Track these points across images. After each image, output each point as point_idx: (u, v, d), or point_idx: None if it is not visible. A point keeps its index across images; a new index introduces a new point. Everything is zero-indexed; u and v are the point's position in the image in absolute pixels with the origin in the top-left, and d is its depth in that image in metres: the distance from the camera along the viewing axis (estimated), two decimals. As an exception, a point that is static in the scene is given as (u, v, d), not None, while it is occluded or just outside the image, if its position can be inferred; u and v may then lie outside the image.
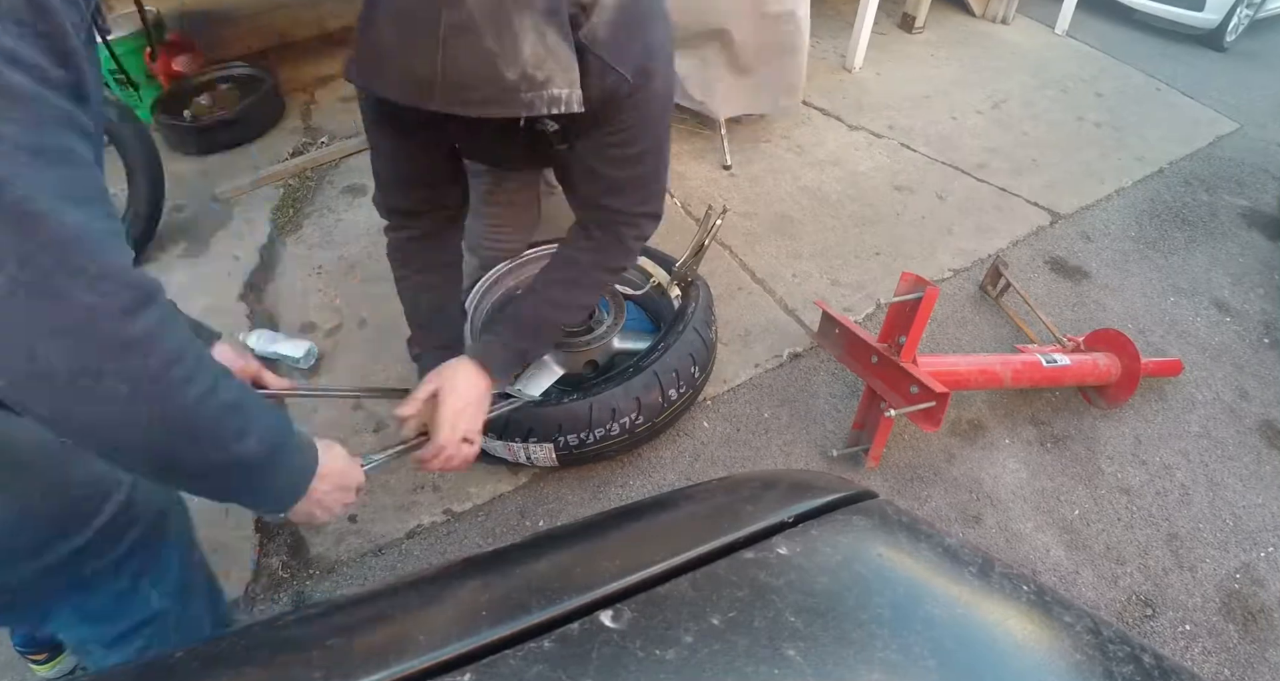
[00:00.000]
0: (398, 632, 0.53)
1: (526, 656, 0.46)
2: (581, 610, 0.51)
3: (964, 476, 1.68)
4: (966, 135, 2.86)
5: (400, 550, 1.46)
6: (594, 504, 1.56)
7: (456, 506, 1.54)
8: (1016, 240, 2.38)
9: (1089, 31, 3.79)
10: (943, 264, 2.25)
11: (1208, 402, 1.91)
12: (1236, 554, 1.59)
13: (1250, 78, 3.63)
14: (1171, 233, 2.49)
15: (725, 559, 0.56)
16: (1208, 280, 2.30)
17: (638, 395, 1.47)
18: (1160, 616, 1.47)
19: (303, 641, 0.56)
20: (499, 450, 1.49)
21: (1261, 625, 1.47)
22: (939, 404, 1.41)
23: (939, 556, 0.60)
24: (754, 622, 0.49)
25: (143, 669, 0.60)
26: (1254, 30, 4.08)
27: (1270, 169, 2.87)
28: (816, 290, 2.11)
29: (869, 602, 0.52)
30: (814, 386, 1.84)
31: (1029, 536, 1.58)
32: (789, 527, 0.59)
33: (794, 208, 2.42)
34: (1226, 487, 1.71)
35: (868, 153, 2.70)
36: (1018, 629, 0.55)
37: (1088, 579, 1.52)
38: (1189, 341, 2.08)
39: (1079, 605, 0.58)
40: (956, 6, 3.80)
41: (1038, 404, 1.87)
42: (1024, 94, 3.16)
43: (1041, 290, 2.20)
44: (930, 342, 1.99)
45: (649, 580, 0.53)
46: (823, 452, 1.69)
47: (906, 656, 0.47)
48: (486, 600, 0.55)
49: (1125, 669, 0.50)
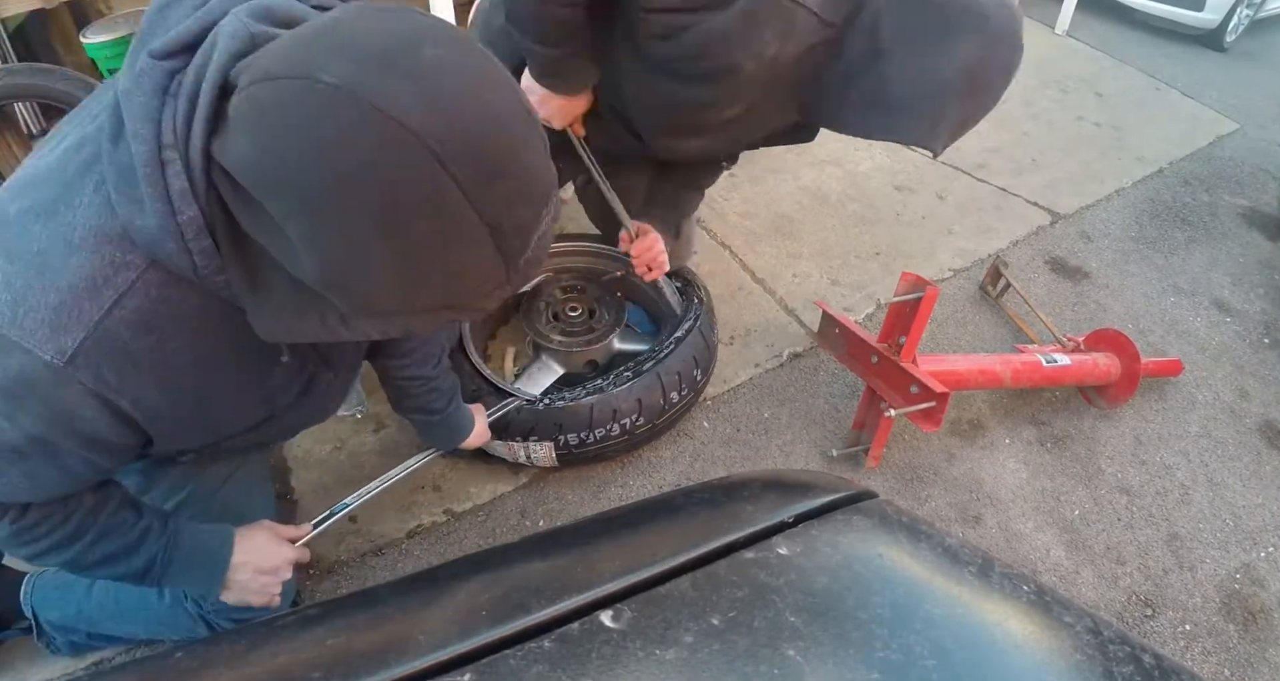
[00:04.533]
0: (398, 632, 0.53)
1: (526, 656, 0.46)
2: (581, 610, 0.51)
3: (964, 476, 1.68)
4: (966, 135, 2.85)
5: (400, 550, 1.46)
6: (594, 504, 1.56)
7: (456, 506, 1.54)
8: (1016, 240, 2.38)
9: (1089, 31, 3.79)
10: (943, 264, 2.25)
11: (1208, 403, 1.91)
12: (1236, 554, 1.59)
13: (1250, 78, 3.63)
14: (1171, 232, 2.49)
15: (725, 559, 0.56)
16: (1208, 280, 2.30)
17: (639, 396, 1.47)
18: (1160, 616, 1.47)
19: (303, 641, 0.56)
20: (499, 450, 1.49)
21: (1261, 625, 1.47)
22: (939, 404, 1.41)
23: (939, 556, 0.60)
24: (754, 622, 0.49)
25: (143, 669, 0.60)
26: (1254, 30, 4.08)
27: (1270, 169, 2.88)
28: (816, 290, 2.11)
29: (869, 602, 0.52)
30: (814, 386, 1.84)
31: (1029, 536, 1.58)
32: (789, 527, 0.59)
33: (794, 207, 2.42)
34: (1226, 487, 1.71)
35: (868, 152, 2.70)
36: (1018, 629, 0.55)
37: (1088, 579, 1.52)
38: (1189, 341, 2.08)
39: (1079, 605, 0.58)
40: (956, 6, 3.80)
41: (1038, 404, 1.87)
42: (1024, 94, 3.16)
43: (1041, 290, 2.20)
44: (930, 342, 1.99)
45: (649, 580, 0.53)
46: (823, 452, 1.69)
47: (906, 656, 0.47)
48: (486, 600, 0.55)
49: (1125, 669, 0.50)
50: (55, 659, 1.24)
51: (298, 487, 1.53)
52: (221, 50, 0.58)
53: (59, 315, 0.61)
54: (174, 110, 0.58)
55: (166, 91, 0.59)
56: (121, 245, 0.62)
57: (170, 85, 0.59)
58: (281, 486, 1.52)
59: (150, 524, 0.86)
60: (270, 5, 0.63)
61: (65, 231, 0.61)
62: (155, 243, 0.60)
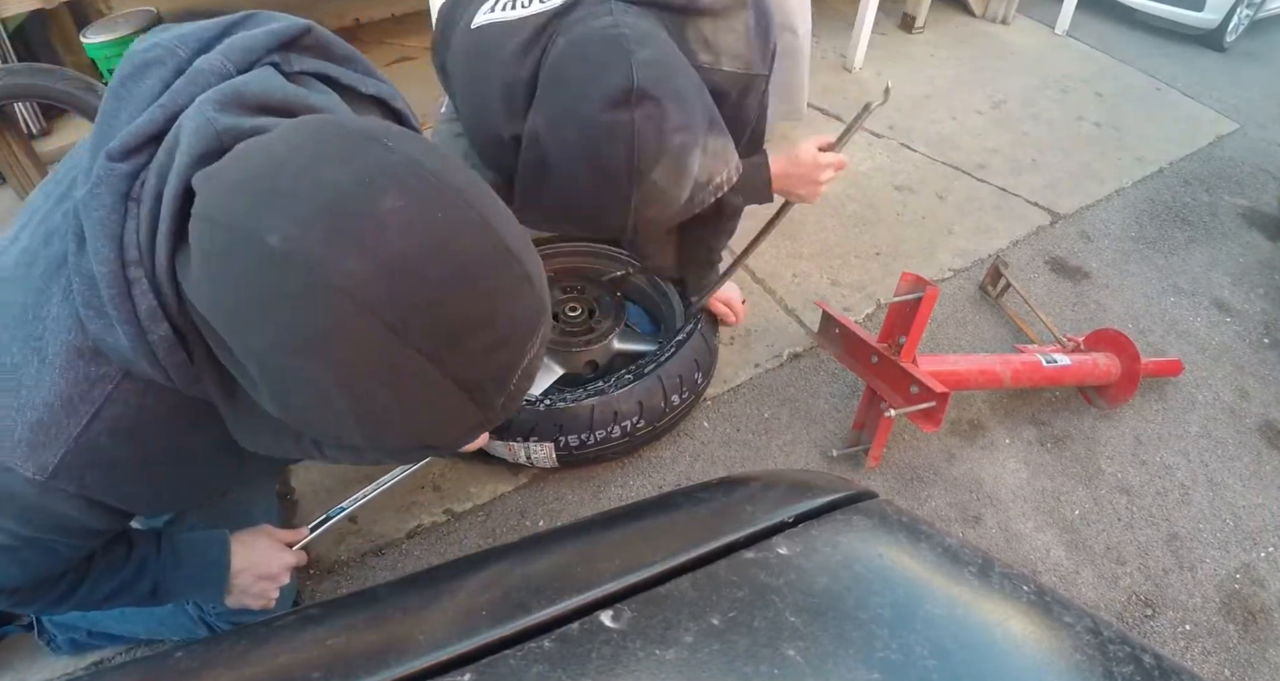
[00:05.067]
0: (398, 632, 0.53)
1: (526, 656, 0.46)
2: (581, 610, 0.51)
3: (964, 476, 1.68)
4: (966, 135, 2.86)
5: (400, 550, 1.46)
6: (594, 504, 1.56)
7: (457, 506, 1.54)
8: (1016, 240, 2.38)
9: (1089, 31, 3.79)
10: (943, 264, 2.25)
11: (1208, 403, 1.91)
12: (1236, 554, 1.59)
13: (1250, 78, 3.63)
14: (1171, 232, 2.49)
15: (725, 559, 0.56)
16: (1208, 280, 2.30)
17: (640, 398, 1.47)
18: (1160, 616, 1.47)
19: (303, 641, 0.56)
20: (499, 450, 1.49)
21: (1261, 625, 1.47)
22: (939, 404, 1.41)
23: (939, 556, 0.60)
24: (754, 622, 0.49)
25: (143, 669, 0.60)
26: (1254, 30, 4.08)
27: (1270, 169, 2.87)
28: (816, 290, 2.11)
29: (869, 602, 0.52)
30: (814, 386, 1.84)
31: (1029, 536, 1.58)
32: (789, 527, 0.59)
33: (794, 207, 2.42)
34: (1226, 487, 1.71)
35: (868, 153, 2.70)
36: (1018, 629, 0.55)
37: (1088, 579, 1.52)
38: (1189, 341, 2.08)
39: (1079, 605, 0.58)
40: (956, 6, 3.80)
41: (1038, 404, 1.87)
42: (1024, 94, 3.16)
43: (1041, 290, 2.20)
44: (930, 342, 1.99)
45: (649, 580, 0.53)
46: (823, 452, 1.69)
47: (906, 656, 0.47)
48: (486, 600, 0.55)
49: (1125, 669, 0.50)
50: (55, 658, 1.24)
51: (298, 488, 1.53)
52: (184, 152, 0.53)
53: (36, 433, 0.60)
54: (137, 221, 0.54)
55: (128, 197, 0.55)
56: (95, 359, 0.60)
57: (132, 188, 0.55)
58: (281, 486, 1.52)
59: (145, 552, 0.87)
60: (242, 90, 0.57)
61: (37, 345, 0.59)
62: (127, 360, 0.58)
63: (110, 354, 0.59)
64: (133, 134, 0.55)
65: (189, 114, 0.55)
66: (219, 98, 0.56)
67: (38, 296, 0.60)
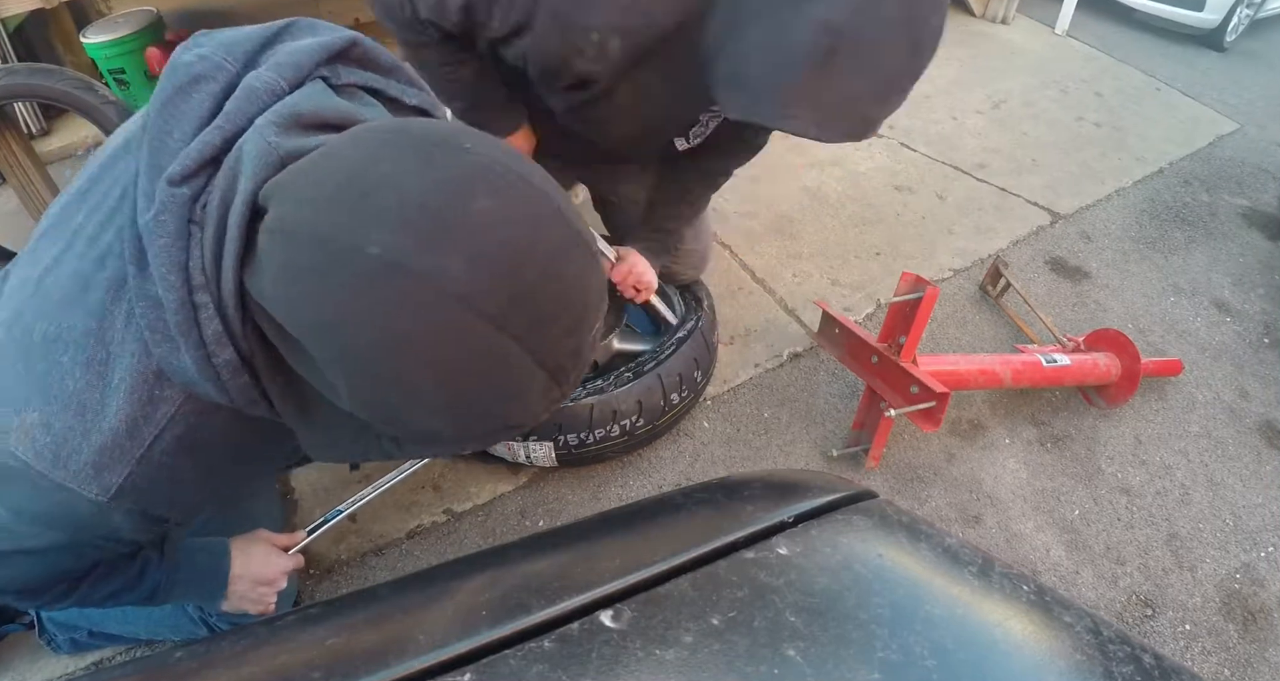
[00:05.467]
0: (398, 632, 0.53)
1: (526, 656, 0.46)
2: (581, 610, 0.51)
3: (964, 476, 1.68)
4: (966, 135, 2.86)
5: (400, 550, 1.46)
6: (594, 504, 1.56)
7: (456, 506, 1.54)
8: (1016, 240, 2.38)
9: (1089, 31, 3.79)
10: (943, 264, 2.25)
11: (1208, 402, 1.91)
12: (1236, 554, 1.59)
13: (1250, 78, 3.63)
14: (1171, 232, 2.49)
15: (725, 559, 0.56)
16: (1208, 280, 2.30)
17: (639, 397, 1.47)
18: (1160, 616, 1.47)
19: (303, 641, 0.56)
20: (499, 450, 1.49)
21: (1261, 625, 1.47)
22: (939, 404, 1.41)
23: (939, 556, 0.60)
24: (754, 622, 0.49)
25: (143, 669, 0.60)
26: (1254, 30, 4.08)
27: (1270, 169, 2.87)
28: (816, 290, 2.11)
29: (869, 602, 0.52)
30: (814, 386, 1.84)
31: (1029, 536, 1.58)
32: (789, 527, 0.59)
33: (794, 208, 2.42)
34: (1226, 487, 1.71)
35: (867, 152, 2.70)
36: (1018, 629, 0.55)
37: (1088, 579, 1.52)
38: (1189, 341, 2.08)
39: (1079, 605, 0.58)
40: (956, 6, 3.80)
41: (1038, 404, 1.87)
42: (1024, 94, 3.16)
43: (1041, 290, 2.20)
44: (930, 342, 1.99)
45: (649, 580, 0.53)
46: (823, 452, 1.69)
47: (906, 656, 0.47)
48: (486, 600, 0.55)
49: (1125, 669, 0.50)
50: (55, 658, 1.24)
51: (298, 488, 1.53)
52: (247, 177, 0.54)
53: (101, 456, 0.62)
54: (200, 245, 0.55)
55: (191, 221, 0.55)
56: (158, 382, 0.61)
57: (193, 212, 0.55)
58: (282, 486, 1.52)
59: (148, 555, 0.88)
60: (297, 109, 0.58)
61: (101, 370, 0.60)
62: (192, 383, 0.59)
63: (174, 376, 0.60)
64: (192, 157, 0.55)
65: (249, 138, 0.56)
66: (277, 120, 0.57)
67: (100, 324, 0.60)
